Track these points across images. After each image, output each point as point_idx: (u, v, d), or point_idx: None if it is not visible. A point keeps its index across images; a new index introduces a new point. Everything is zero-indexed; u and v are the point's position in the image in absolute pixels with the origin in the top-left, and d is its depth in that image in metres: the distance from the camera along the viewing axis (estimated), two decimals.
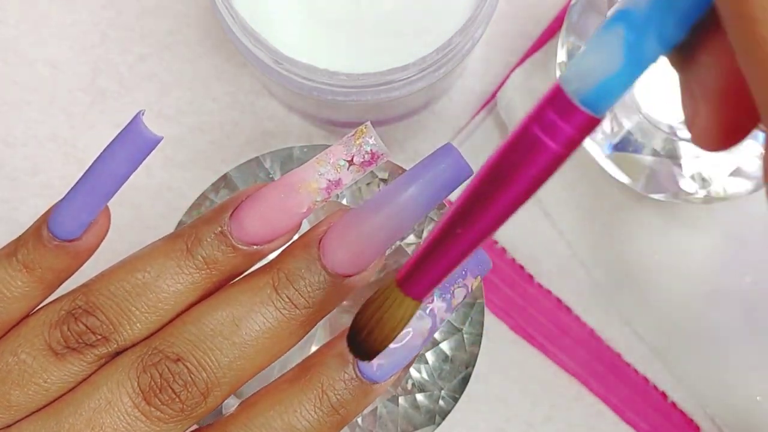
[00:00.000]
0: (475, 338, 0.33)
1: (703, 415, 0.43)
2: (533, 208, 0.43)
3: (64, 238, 0.27)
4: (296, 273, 0.27)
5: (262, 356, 0.27)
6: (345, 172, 0.27)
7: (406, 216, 0.27)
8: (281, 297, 0.27)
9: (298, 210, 0.27)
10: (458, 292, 0.28)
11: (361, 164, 0.27)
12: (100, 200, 0.27)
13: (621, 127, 0.40)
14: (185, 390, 0.26)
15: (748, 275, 0.42)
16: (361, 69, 0.34)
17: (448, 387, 0.33)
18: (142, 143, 0.26)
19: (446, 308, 0.28)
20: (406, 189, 0.26)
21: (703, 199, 0.40)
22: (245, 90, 0.44)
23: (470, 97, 0.44)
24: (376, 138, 0.27)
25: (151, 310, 0.27)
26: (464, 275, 0.28)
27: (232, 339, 0.27)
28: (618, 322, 0.43)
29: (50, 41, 0.44)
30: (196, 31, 0.44)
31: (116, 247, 0.43)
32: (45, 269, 0.27)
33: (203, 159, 0.43)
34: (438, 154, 0.26)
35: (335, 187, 0.27)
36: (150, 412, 0.26)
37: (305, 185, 0.27)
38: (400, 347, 0.27)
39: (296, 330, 0.27)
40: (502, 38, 0.44)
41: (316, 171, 0.27)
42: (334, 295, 0.27)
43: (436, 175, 0.26)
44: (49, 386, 0.27)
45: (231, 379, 0.27)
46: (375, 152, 0.27)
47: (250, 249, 0.28)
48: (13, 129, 0.44)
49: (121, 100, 0.44)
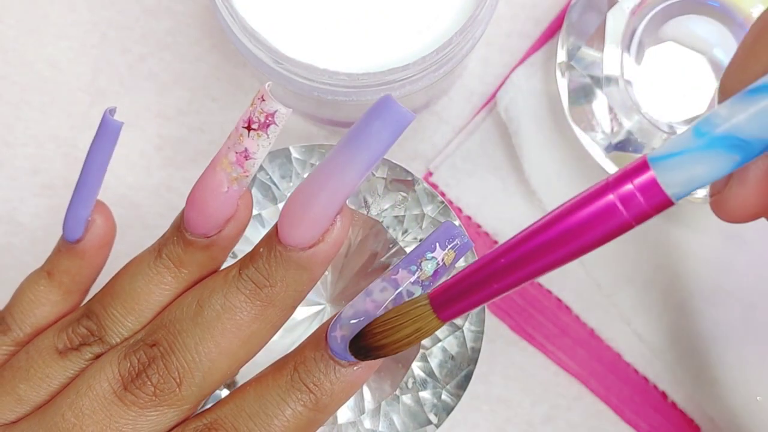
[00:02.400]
0: (477, 335, 0.33)
1: (702, 414, 0.43)
2: (533, 208, 0.43)
3: (71, 239, 0.30)
4: (256, 252, 0.28)
5: (228, 339, 0.28)
6: (248, 140, 0.27)
7: (346, 177, 0.26)
8: (242, 277, 0.28)
9: (219, 189, 0.28)
10: (425, 264, 0.27)
11: (259, 127, 0.27)
12: (89, 193, 0.29)
13: (621, 127, 0.40)
14: (157, 374, 0.27)
15: (747, 275, 0.42)
16: (361, 69, 0.34)
17: (451, 384, 0.33)
18: (106, 130, 0.28)
19: (414, 281, 0.27)
20: (344, 149, 0.26)
21: (703, 199, 0.40)
22: (245, 90, 0.44)
23: (470, 97, 0.44)
24: (267, 96, 0.26)
25: (128, 310, 0.29)
26: (432, 248, 0.27)
27: (195, 320, 0.28)
28: (618, 322, 0.43)
29: (50, 41, 0.44)
30: (196, 31, 0.44)
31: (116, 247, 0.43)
32: (61, 273, 0.30)
33: (203, 159, 0.43)
34: (375, 107, 0.25)
35: (245, 158, 0.27)
36: (125, 396, 0.27)
37: (220, 163, 0.27)
38: (363, 320, 0.27)
39: (261, 312, 0.28)
40: (502, 38, 0.44)
41: (226, 146, 0.27)
42: (295, 271, 0.27)
43: (371, 128, 0.25)
44: (51, 380, 0.29)
45: (202, 365, 0.27)
46: (268, 111, 0.27)
47: (203, 241, 0.28)
48: (13, 129, 0.44)
49: (121, 100, 0.44)
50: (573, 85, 0.41)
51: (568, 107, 0.41)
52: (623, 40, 0.40)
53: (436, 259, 0.27)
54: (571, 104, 0.41)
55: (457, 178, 0.43)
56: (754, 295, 0.42)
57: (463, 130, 0.43)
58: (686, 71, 0.41)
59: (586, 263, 0.43)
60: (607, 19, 0.40)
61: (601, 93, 0.40)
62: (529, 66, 0.43)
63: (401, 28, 0.35)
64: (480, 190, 0.43)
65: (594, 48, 0.40)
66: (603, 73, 0.40)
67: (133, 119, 0.43)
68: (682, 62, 0.41)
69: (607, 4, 0.41)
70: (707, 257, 0.43)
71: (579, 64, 0.41)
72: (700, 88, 0.41)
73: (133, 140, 0.43)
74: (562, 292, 0.43)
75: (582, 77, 0.41)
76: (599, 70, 0.40)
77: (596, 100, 0.40)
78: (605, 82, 0.40)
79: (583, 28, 0.41)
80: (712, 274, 0.43)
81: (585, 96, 0.41)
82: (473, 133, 0.43)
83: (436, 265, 0.27)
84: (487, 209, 0.43)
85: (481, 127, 0.43)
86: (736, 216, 0.25)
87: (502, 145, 0.43)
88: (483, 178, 0.43)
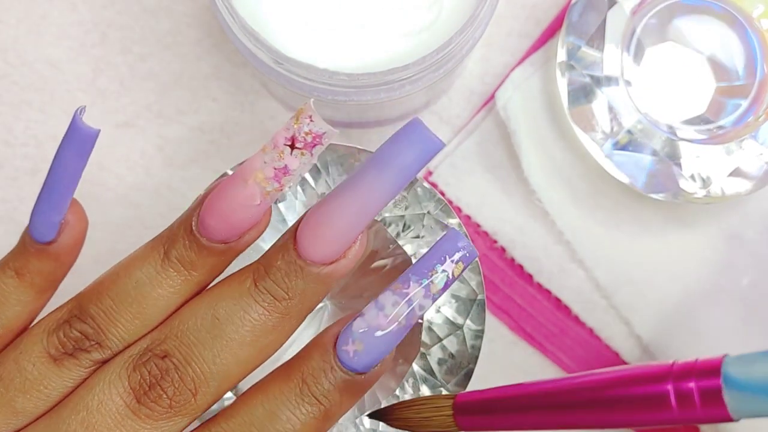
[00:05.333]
0: (477, 334, 0.33)
1: None
2: (532, 208, 0.43)
3: (41, 241, 0.28)
4: (273, 265, 0.27)
5: (246, 351, 0.27)
6: (289, 158, 0.26)
7: (372, 196, 0.26)
8: (260, 290, 0.27)
9: (251, 202, 0.27)
10: (437, 277, 0.27)
11: (304, 146, 0.26)
12: (61, 198, 0.28)
13: (621, 127, 0.40)
14: (172, 386, 0.27)
15: (747, 275, 0.42)
16: (361, 69, 0.34)
17: (451, 383, 0.33)
18: (82, 138, 0.27)
19: (425, 294, 0.27)
20: (373, 170, 0.26)
21: (703, 199, 0.40)
22: (245, 90, 0.44)
23: (470, 97, 0.44)
24: (315, 116, 0.25)
25: (135, 315, 0.28)
26: (442, 261, 0.27)
27: (213, 332, 0.27)
28: (618, 322, 0.43)
29: (50, 41, 0.44)
30: (196, 31, 0.44)
31: (116, 247, 0.43)
32: (33, 273, 0.28)
33: (203, 159, 0.43)
34: (404, 130, 0.26)
35: (284, 174, 0.26)
36: (139, 410, 0.27)
37: (254, 176, 0.26)
38: (378, 337, 0.27)
39: (279, 323, 0.27)
40: (502, 38, 0.44)
41: (261, 159, 0.26)
42: (315, 285, 0.27)
43: (401, 151, 0.25)
44: (49, 392, 0.27)
45: (217, 375, 0.27)
46: (315, 132, 0.26)
47: (220, 247, 0.28)
48: (13, 129, 0.44)
49: (121, 100, 0.44)
50: (573, 85, 0.41)
51: (567, 107, 0.41)
52: (623, 40, 0.40)
53: (447, 272, 0.27)
54: (570, 104, 0.41)
55: (456, 178, 0.43)
56: (754, 295, 0.42)
57: (463, 130, 0.43)
58: (686, 71, 0.41)
59: (586, 263, 0.43)
60: (607, 19, 0.40)
61: (601, 93, 0.40)
62: (528, 66, 0.43)
63: (401, 28, 0.35)
64: (479, 189, 0.43)
65: (594, 48, 0.40)
66: (603, 73, 0.40)
67: (133, 119, 0.44)
68: (682, 62, 0.41)
69: (607, 4, 0.41)
70: (707, 257, 0.43)
71: (579, 64, 0.41)
72: (700, 88, 0.41)
73: (133, 140, 0.43)
74: (562, 292, 0.43)
75: (582, 77, 0.41)
76: (599, 70, 0.40)
77: (596, 100, 0.40)
78: (605, 82, 0.40)
79: (583, 28, 0.41)
80: (711, 274, 0.43)
81: (585, 96, 0.41)
82: (473, 132, 0.43)
83: (446, 278, 0.27)
84: (486, 208, 0.43)
85: (480, 127, 0.43)
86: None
87: (502, 145, 0.43)
88: (482, 177, 0.43)
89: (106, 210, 0.43)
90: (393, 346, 0.27)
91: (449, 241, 0.27)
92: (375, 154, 0.26)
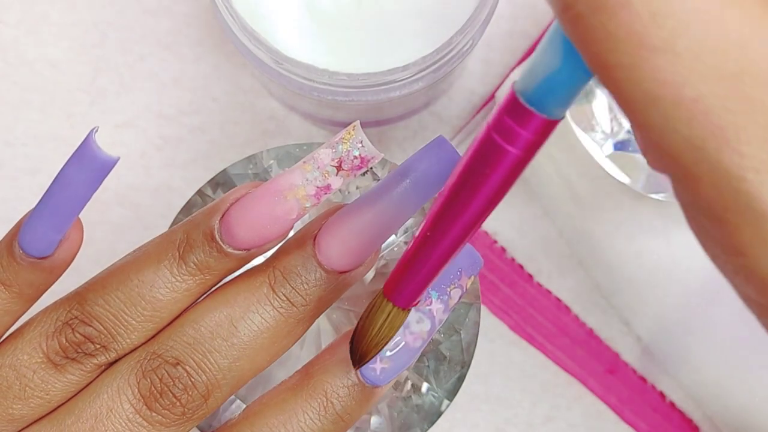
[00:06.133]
0: (472, 338, 0.33)
1: (701, 415, 0.43)
2: (533, 208, 0.43)
3: (36, 255, 0.27)
4: (292, 271, 0.27)
5: (261, 356, 0.27)
6: (334, 178, 0.26)
7: (399, 210, 0.26)
8: (278, 296, 0.27)
9: (288, 217, 0.27)
10: (454, 292, 0.28)
11: (351, 169, 0.26)
12: (65, 220, 0.26)
13: (621, 127, 0.40)
14: (185, 393, 0.26)
15: None
16: (361, 69, 0.34)
17: (444, 387, 0.33)
18: (98, 166, 0.25)
19: (444, 309, 0.28)
20: (399, 183, 0.26)
21: None
22: (245, 90, 0.44)
23: (470, 97, 0.44)
24: (365, 141, 0.26)
25: (147, 318, 0.27)
26: (459, 276, 0.28)
27: (231, 340, 0.27)
28: (617, 322, 0.43)
29: (50, 41, 0.44)
30: (196, 31, 0.44)
31: (116, 247, 0.43)
32: (23, 285, 0.27)
33: (203, 159, 0.43)
34: (430, 147, 0.26)
35: (324, 193, 0.26)
36: (151, 417, 0.26)
37: (293, 192, 0.26)
38: (401, 350, 0.28)
39: (294, 328, 0.27)
40: (502, 38, 0.44)
41: (303, 177, 0.26)
42: (331, 291, 0.27)
43: (427, 168, 0.26)
44: (50, 398, 0.27)
45: (231, 380, 0.27)
46: (364, 156, 0.26)
47: (242, 254, 0.27)
48: (13, 129, 0.44)
49: (121, 100, 0.44)
50: None
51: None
52: None
53: (463, 287, 0.28)
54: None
55: None
56: None
57: (463, 130, 0.43)
58: None
59: (585, 263, 0.43)
60: None
61: (601, 93, 0.40)
62: None
63: (401, 28, 0.35)
64: None
65: None
66: None
67: (133, 119, 0.44)
68: None
69: None
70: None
71: None
72: None
73: (133, 140, 0.43)
74: (561, 292, 0.43)
75: None
76: None
77: (596, 100, 0.40)
78: None
79: None
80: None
81: (585, 96, 0.41)
82: (473, 133, 0.43)
83: (460, 292, 0.28)
84: None
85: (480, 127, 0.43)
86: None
87: None
88: None
89: (106, 210, 0.43)
90: (415, 359, 0.28)
91: (464, 256, 0.28)
92: (403, 169, 0.26)
